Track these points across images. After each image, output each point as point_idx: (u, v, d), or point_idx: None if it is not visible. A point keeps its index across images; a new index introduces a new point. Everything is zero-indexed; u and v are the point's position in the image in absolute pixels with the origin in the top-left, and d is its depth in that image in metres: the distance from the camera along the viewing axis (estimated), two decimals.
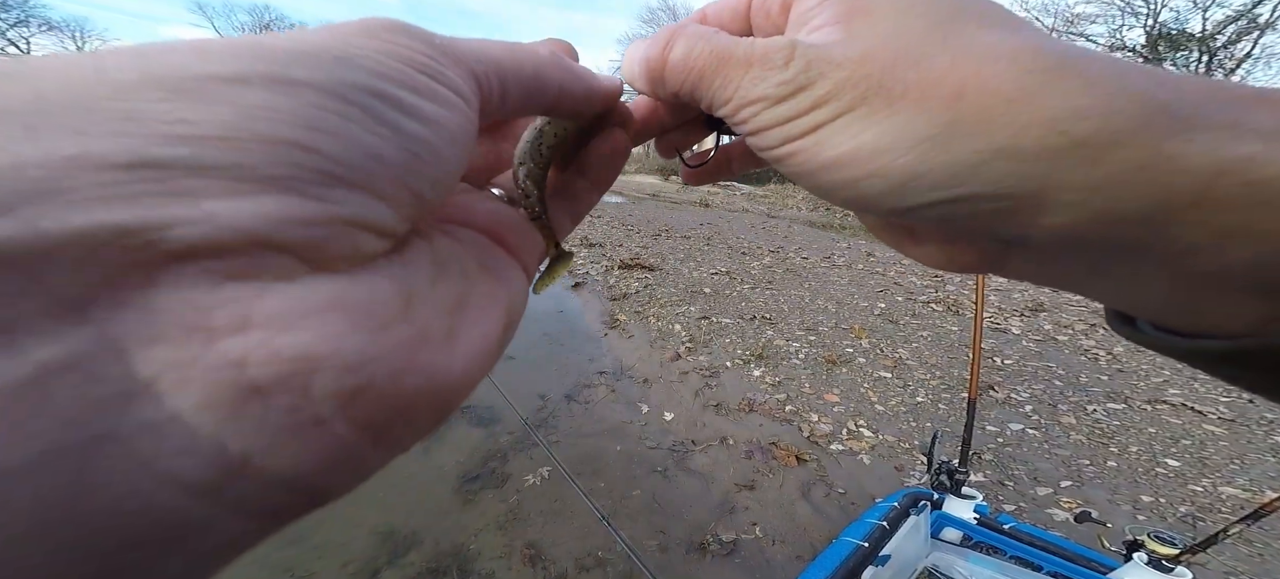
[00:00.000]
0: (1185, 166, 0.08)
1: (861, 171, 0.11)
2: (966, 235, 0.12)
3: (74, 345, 0.06)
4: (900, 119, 0.10)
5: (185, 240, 0.07)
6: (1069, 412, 2.30)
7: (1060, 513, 1.65)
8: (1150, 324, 0.11)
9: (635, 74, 0.15)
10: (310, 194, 0.08)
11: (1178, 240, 0.09)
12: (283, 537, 0.44)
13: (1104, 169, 0.09)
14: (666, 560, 1.40)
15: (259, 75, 0.08)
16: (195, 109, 0.07)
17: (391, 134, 0.09)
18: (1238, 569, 1.42)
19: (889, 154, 0.10)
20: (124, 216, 0.06)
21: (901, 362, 2.76)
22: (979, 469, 1.86)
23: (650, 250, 5.25)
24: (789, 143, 0.12)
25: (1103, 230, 0.09)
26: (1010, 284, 4.74)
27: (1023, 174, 0.09)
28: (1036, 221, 0.10)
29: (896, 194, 0.11)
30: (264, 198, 0.07)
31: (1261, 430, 2.17)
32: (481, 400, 2.08)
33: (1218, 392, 2.54)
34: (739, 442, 1.95)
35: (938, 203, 0.10)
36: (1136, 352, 3.07)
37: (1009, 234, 0.10)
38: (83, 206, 0.06)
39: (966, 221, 0.10)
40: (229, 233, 0.07)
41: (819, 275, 4.65)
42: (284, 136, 0.07)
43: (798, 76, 0.11)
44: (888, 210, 0.11)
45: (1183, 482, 1.83)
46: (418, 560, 1.36)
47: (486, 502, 1.58)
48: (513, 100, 0.12)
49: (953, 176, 0.10)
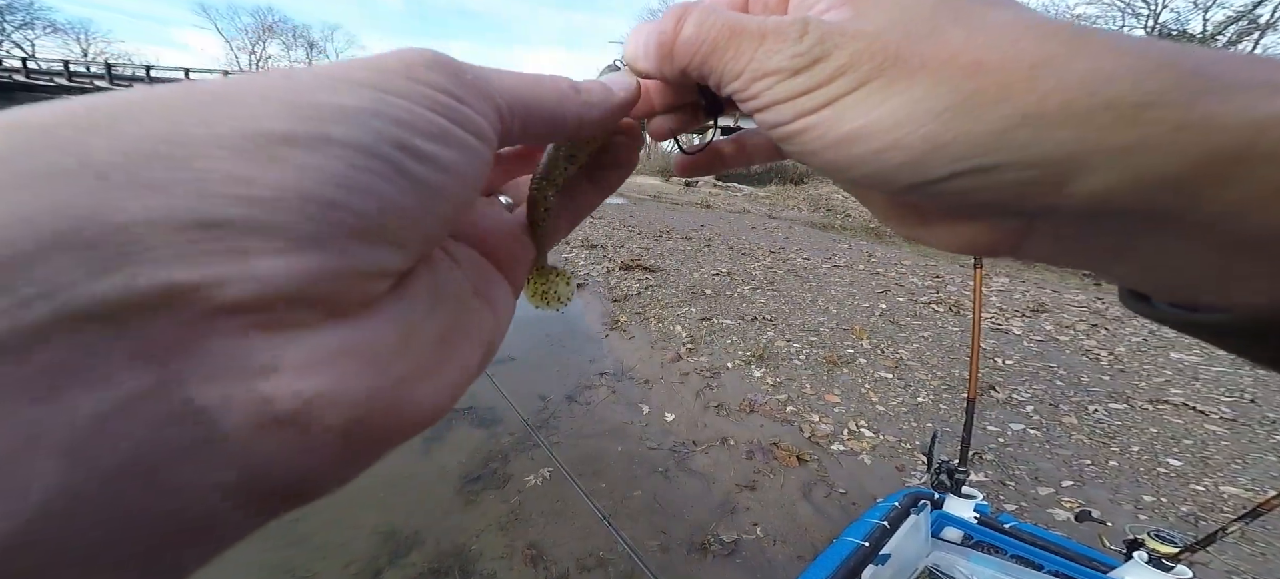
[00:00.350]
0: (1225, 124, 0.08)
1: (879, 144, 0.10)
2: (987, 211, 0.11)
3: (150, 382, 0.07)
4: (919, 90, 0.10)
5: (236, 297, 0.08)
6: (1070, 411, 2.30)
7: (1061, 512, 1.65)
8: (1167, 302, 0.11)
9: (643, 53, 0.15)
10: (335, 249, 0.09)
11: (1216, 203, 0.08)
12: (286, 538, 0.46)
13: (1137, 131, 0.08)
14: (668, 561, 1.40)
15: (305, 136, 0.09)
16: (251, 167, 0.08)
17: (411, 186, 0.10)
18: (1240, 568, 1.41)
19: (908, 125, 0.10)
20: (193, 275, 0.08)
21: (902, 362, 2.76)
22: (980, 469, 1.86)
23: (651, 251, 5.26)
24: (802, 117, 0.12)
25: (1135, 197, 0.09)
26: (1011, 285, 4.74)
27: (1051, 140, 0.09)
28: (1065, 190, 0.09)
29: (916, 167, 0.10)
30: (300, 256, 0.08)
31: (1264, 430, 2.16)
32: (483, 402, 2.09)
33: (1219, 391, 2.54)
34: (740, 442, 1.95)
35: (961, 174, 0.10)
36: (1138, 352, 3.07)
37: (1035, 206, 0.10)
38: (165, 264, 0.07)
39: (990, 194, 0.10)
40: (271, 290, 0.08)
41: (820, 276, 4.65)
42: (320, 195, 0.08)
43: (812, 49, 0.11)
44: (905, 185, 0.11)
45: (1185, 481, 1.83)
46: (419, 561, 1.36)
47: (488, 502, 1.59)
48: (534, 131, 0.13)
49: (977, 146, 0.09)
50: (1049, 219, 0.10)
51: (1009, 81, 0.09)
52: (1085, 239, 0.10)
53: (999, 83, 0.09)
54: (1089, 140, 0.09)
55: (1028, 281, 4.96)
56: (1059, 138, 0.09)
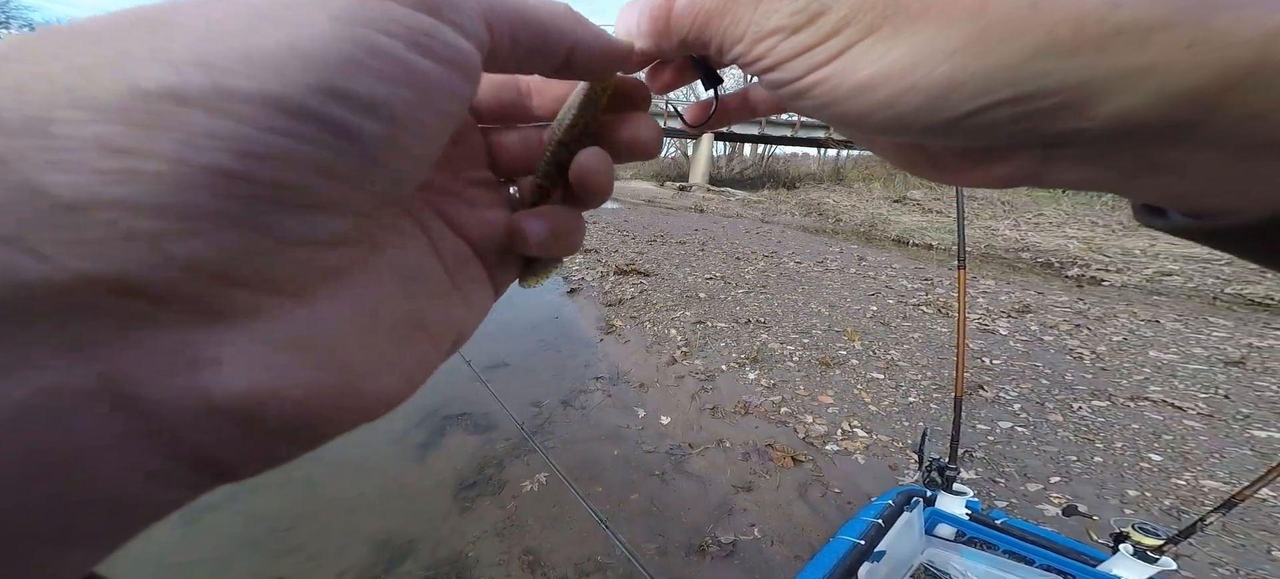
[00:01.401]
0: (1238, 37, 0.08)
1: (896, 89, 0.10)
2: (1009, 143, 0.11)
3: (78, 373, 0.07)
4: (928, 33, 0.10)
5: (157, 285, 0.07)
6: (1056, 409, 2.35)
7: (1050, 508, 1.68)
8: (1181, 213, 0.11)
9: (637, 30, 0.14)
10: (260, 226, 0.08)
11: (1235, 111, 0.08)
12: (278, 547, 0.46)
13: (1151, 52, 0.08)
14: (666, 563, 1.40)
15: (198, 90, 0.07)
16: (130, 135, 0.07)
17: (347, 145, 0.08)
18: (1222, 561, 1.46)
19: (923, 67, 0.10)
20: (91, 266, 0.07)
21: (893, 363, 2.80)
22: (972, 467, 1.89)
23: (646, 256, 5.27)
24: (814, 71, 0.11)
25: (1156, 114, 0.09)
26: (997, 286, 4.84)
27: (1065, 69, 0.09)
28: (1087, 114, 0.09)
29: (935, 108, 0.10)
30: (217, 234, 0.07)
31: (1238, 424, 2.23)
32: (478, 408, 2.07)
33: (1196, 388, 2.62)
34: (736, 444, 1.96)
35: (981, 110, 0.10)
36: (1119, 350, 3.15)
37: (1056, 133, 0.10)
38: (45, 255, 0.06)
39: (1011, 127, 0.10)
40: (194, 276, 0.07)
41: (812, 279, 4.71)
42: (225, 167, 0.07)
43: (811, 3, 0.11)
44: (926, 126, 0.11)
45: (1166, 475, 1.88)
46: (415, 569, 1.34)
47: (484, 509, 1.57)
48: (524, 50, 0.12)
49: (994, 82, 0.09)
50: (1071, 144, 0.10)
51: (1015, 18, 0.09)
52: (1106, 159, 0.10)
53: (1005, 19, 0.09)
54: (1104, 66, 0.09)
55: (1013, 283, 5.08)
56: (1074, 66, 0.09)
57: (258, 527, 1.43)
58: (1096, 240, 7.08)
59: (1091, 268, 5.80)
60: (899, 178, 13.82)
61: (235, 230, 0.08)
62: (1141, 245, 6.54)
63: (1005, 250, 7.02)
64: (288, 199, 0.08)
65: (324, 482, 1.64)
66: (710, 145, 18.09)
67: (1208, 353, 3.13)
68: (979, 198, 9.86)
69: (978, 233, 7.86)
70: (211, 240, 0.07)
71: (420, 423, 1.97)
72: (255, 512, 1.49)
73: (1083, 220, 8.21)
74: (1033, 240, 7.32)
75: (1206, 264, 5.53)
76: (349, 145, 0.08)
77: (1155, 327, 3.68)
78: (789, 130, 16.72)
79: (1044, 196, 9.96)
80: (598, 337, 3.00)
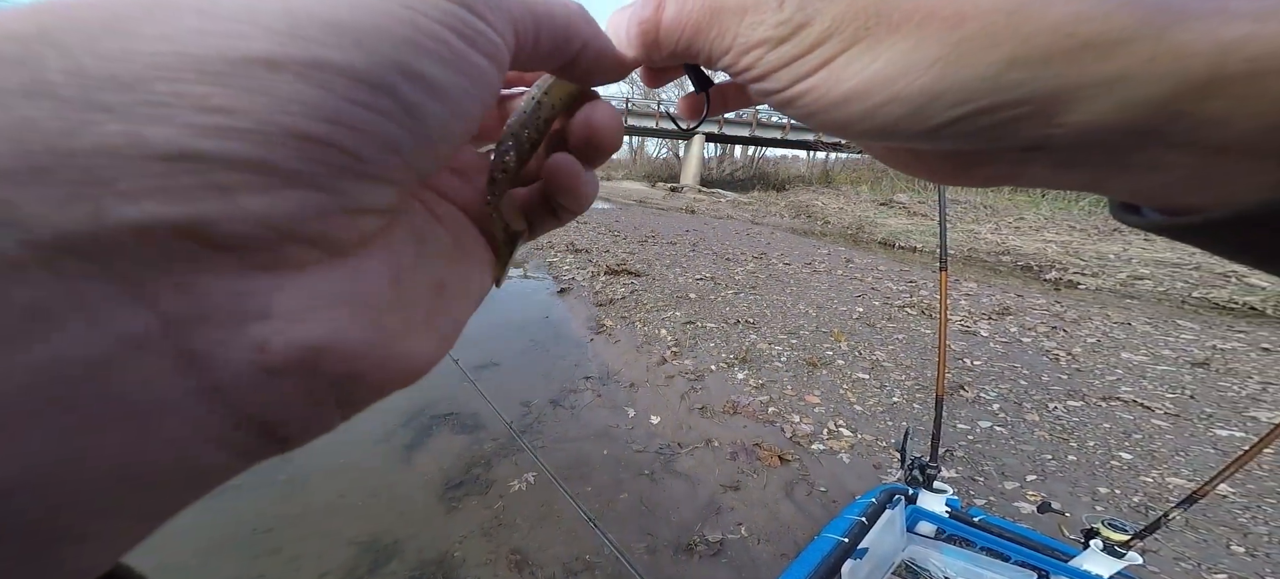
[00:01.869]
0: (1192, 49, 0.09)
1: (878, 100, 0.11)
2: (988, 146, 0.12)
3: (142, 325, 0.07)
4: (908, 44, 0.10)
5: (225, 234, 0.08)
6: (1033, 409, 2.42)
7: (1026, 505, 1.73)
8: (1154, 209, 0.12)
9: (627, 39, 0.14)
10: (328, 188, 0.08)
11: (1196, 117, 0.09)
12: (258, 549, 0.45)
13: (1115, 64, 0.09)
14: (654, 562, 1.40)
15: (292, 60, 0.08)
16: (229, 97, 0.07)
17: (412, 122, 0.09)
18: (1186, 555, 1.52)
19: (905, 78, 0.10)
20: (172, 211, 0.07)
21: (878, 363, 2.86)
22: (952, 465, 1.94)
23: (636, 256, 5.27)
24: (799, 82, 0.12)
25: (1123, 120, 0.09)
26: (979, 289, 4.97)
27: (1038, 79, 0.10)
28: (1057, 121, 0.10)
29: (918, 116, 0.11)
30: (289, 193, 0.08)
31: (1202, 424, 2.34)
32: (465, 407, 2.05)
33: (1164, 388, 2.73)
34: (724, 443, 1.98)
35: (961, 118, 0.10)
36: (1093, 352, 3.27)
37: (1031, 138, 0.11)
38: (134, 199, 0.07)
39: (990, 132, 0.11)
40: (261, 228, 0.08)
41: (800, 281, 4.76)
42: (310, 132, 0.08)
43: (794, 15, 0.11)
44: (909, 133, 0.11)
45: (1135, 473, 1.95)
46: (400, 569, 1.32)
47: (471, 509, 1.55)
48: (543, 50, 0.12)
49: (971, 91, 0.10)
50: (1045, 148, 0.11)
51: (992, 29, 0.10)
52: (1079, 161, 0.11)
53: (983, 30, 0.10)
54: (1074, 76, 0.09)
55: (994, 286, 5.22)
56: (1047, 76, 0.10)
57: (237, 529, 1.39)
58: (1074, 245, 7.31)
59: (1069, 272, 5.98)
60: (886, 181, 14.06)
61: (304, 189, 0.08)
62: (1116, 250, 6.78)
63: (987, 254, 7.21)
64: (354, 166, 0.08)
65: (306, 483, 1.60)
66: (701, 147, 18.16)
67: (1175, 354, 3.26)
68: (961, 202, 10.09)
69: (960, 236, 8.04)
70: (283, 196, 0.08)
71: (406, 423, 1.94)
72: (235, 513, 1.45)
73: (1062, 225, 8.47)
74: (1014, 244, 7.53)
75: (1176, 269, 5.76)
76: (415, 123, 0.09)
77: (1127, 329, 3.82)
78: (779, 133, 16.88)
79: (1025, 201, 10.24)
80: (588, 336, 2.99)
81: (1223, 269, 5.50)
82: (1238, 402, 2.58)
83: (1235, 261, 0.12)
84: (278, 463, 1.66)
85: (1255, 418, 2.39)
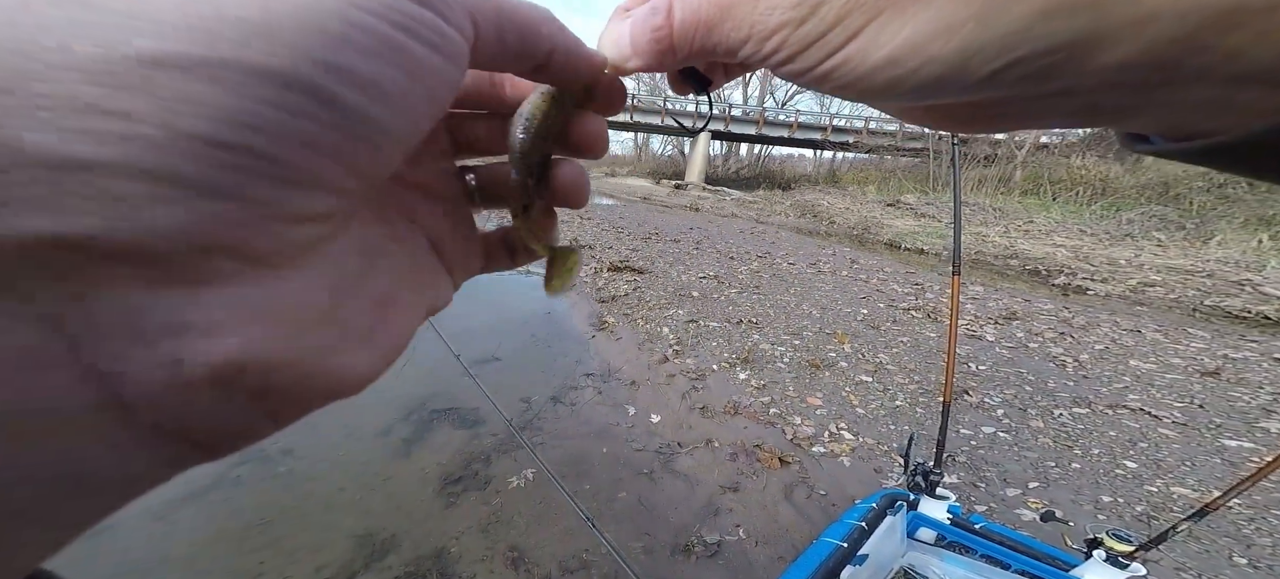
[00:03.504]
0: None
1: (918, 61, 0.11)
2: (1021, 94, 0.12)
3: (42, 341, 0.07)
4: (936, 8, 0.10)
5: (121, 248, 0.07)
6: (1038, 416, 2.40)
7: (1028, 513, 1.72)
8: (1163, 137, 0.12)
9: (634, 51, 0.14)
10: (245, 197, 0.08)
11: (1219, 49, 0.09)
12: (256, 541, 0.44)
13: (1145, 4, 0.09)
14: (651, 562, 1.40)
15: (193, 61, 0.07)
16: (122, 100, 0.07)
17: (341, 122, 0.08)
18: (1187, 566, 1.50)
19: (941, 38, 0.10)
20: (61, 225, 0.06)
21: (882, 366, 2.84)
22: (954, 471, 1.92)
23: (640, 253, 5.26)
24: (829, 58, 0.12)
25: (1151, 57, 0.10)
26: (985, 293, 4.92)
27: (1071, 25, 0.10)
28: (1089, 65, 0.10)
29: (957, 75, 0.11)
30: (200, 203, 0.07)
31: (1210, 434, 2.30)
32: (465, 403, 2.05)
33: (1172, 397, 2.69)
34: (724, 444, 1.97)
35: (998, 72, 0.11)
36: (1101, 359, 3.22)
37: (1061, 84, 0.11)
38: (17, 210, 0.06)
39: (1024, 82, 0.11)
40: (163, 241, 0.07)
41: (804, 281, 4.74)
42: (215, 137, 0.07)
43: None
44: (949, 91, 0.11)
45: (1140, 482, 1.93)
46: (396, 564, 1.33)
47: (468, 505, 1.56)
48: (511, 48, 0.12)
49: (1006, 44, 0.10)
50: (1074, 92, 0.11)
51: None
52: (1106, 101, 0.11)
53: None
54: (1104, 19, 0.10)
55: (1001, 290, 5.16)
56: (1077, 23, 0.10)
57: (235, 521, 1.41)
58: (1084, 249, 7.22)
59: (1078, 277, 5.91)
60: (893, 182, 13.95)
61: (218, 199, 0.07)
62: (1127, 256, 6.69)
63: (995, 257, 7.14)
64: (274, 172, 0.08)
65: (305, 476, 1.62)
66: (707, 144, 18.10)
67: (1185, 363, 3.22)
68: (970, 205, 9.99)
69: (968, 239, 7.97)
70: (193, 208, 0.07)
71: (406, 417, 1.95)
72: (233, 506, 1.46)
73: (1072, 229, 8.37)
74: (1022, 248, 7.45)
75: (1188, 276, 5.68)
76: (340, 121, 0.08)
77: (1136, 336, 3.77)
78: (786, 131, 16.78)
79: (1035, 204, 10.13)
80: (590, 333, 2.99)
81: (1236, 277, 5.41)
82: (1248, 412, 2.53)
83: (1243, 176, 0.12)
84: (277, 456, 1.67)
85: (1266, 429, 2.35)
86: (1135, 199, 9.00)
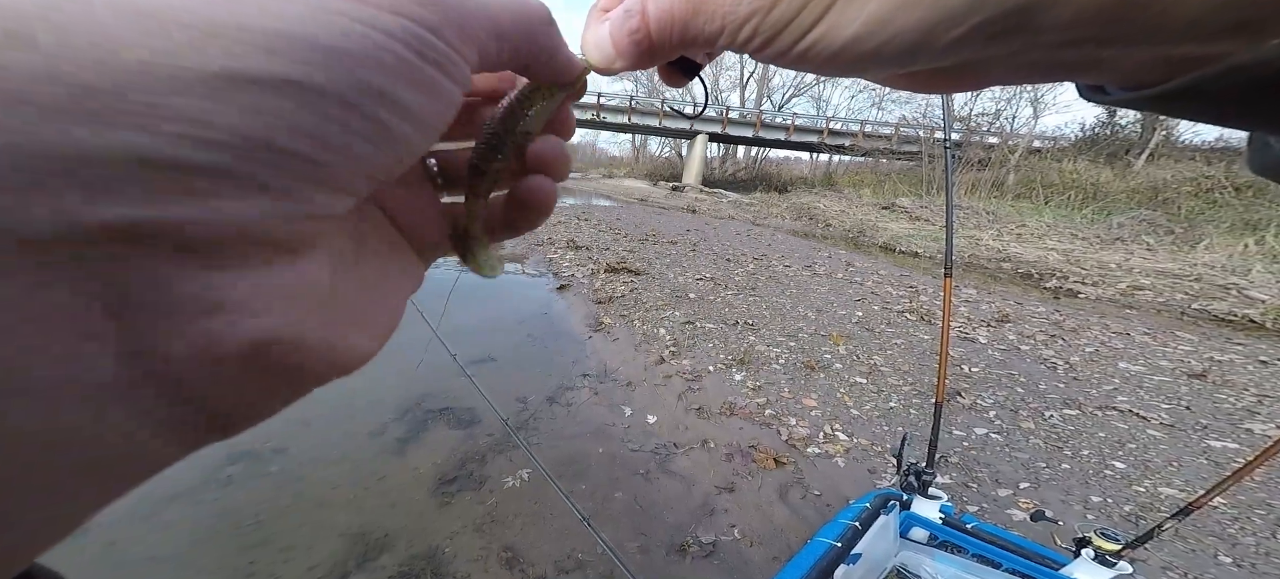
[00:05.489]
0: None
1: (885, 35, 0.11)
2: (982, 55, 0.12)
3: (78, 308, 0.07)
4: None
5: (195, 236, 0.08)
6: (1029, 417, 2.42)
7: (1018, 513, 1.74)
8: (1118, 87, 0.13)
9: (616, 53, 0.14)
10: (293, 196, 0.09)
11: (1153, 5, 0.10)
12: (247, 540, 0.45)
13: None
14: (647, 562, 1.40)
15: (267, 77, 0.08)
16: (206, 108, 0.08)
17: (377, 134, 0.10)
18: (1173, 564, 1.53)
19: (904, 13, 0.11)
20: (149, 213, 0.08)
21: (876, 368, 2.86)
22: (946, 472, 1.94)
23: (637, 254, 5.27)
24: (804, 36, 0.12)
25: (1096, 10, 0.10)
26: (979, 296, 4.97)
27: None
28: (1045, 20, 0.11)
29: (924, 44, 0.11)
30: (258, 199, 0.08)
31: (1196, 435, 2.34)
32: (461, 402, 2.04)
33: (1160, 399, 2.73)
34: (720, 444, 1.98)
35: (965, 35, 0.11)
36: (1091, 361, 3.27)
37: (1019, 43, 0.11)
38: (108, 199, 0.07)
39: (984, 44, 0.11)
40: (229, 231, 0.08)
41: (800, 283, 4.76)
42: (281, 144, 0.08)
43: None
44: (922, 58, 0.12)
45: (1128, 482, 1.96)
46: (389, 563, 1.32)
47: (463, 504, 1.55)
48: (505, 59, 0.13)
49: (967, 9, 0.11)
50: (1030, 50, 0.12)
51: None
52: (1066, 55, 0.12)
53: None
54: None
55: (994, 293, 5.22)
56: None
57: (227, 520, 1.39)
58: (1076, 253, 7.31)
59: (1069, 280, 5.99)
60: (888, 185, 14.04)
61: (267, 196, 0.09)
62: (1118, 260, 6.78)
63: (987, 260, 7.21)
64: (316, 175, 0.09)
65: (297, 475, 1.60)
66: (704, 146, 18.12)
67: (1173, 365, 3.27)
68: (964, 208, 10.08)
69: (962, 242, 8.04)
70: (254, 201, 0.08)
71: (400, 417, 1.94)
72: (227, 504, 1.45)
73: (1063, 233, 8.47)
74: (1015, 251, 7.53)
75: (1177, 280, 5.77)
76: (381, 138, 0.10)
77: (1126, 339, 3.83)
78: (783, 134, 16.85)
79: (1028, 208, 10.23)
80: (586, 334, 2.99)
81: (1223, 282, 5.50)
82: (1233, 414, 2.58)
83: (1193, 120, 0.13)
84: (269, 455, 1.66)
85: (1250, 430, 2.40)
86: (1125, 203, 9.12)
